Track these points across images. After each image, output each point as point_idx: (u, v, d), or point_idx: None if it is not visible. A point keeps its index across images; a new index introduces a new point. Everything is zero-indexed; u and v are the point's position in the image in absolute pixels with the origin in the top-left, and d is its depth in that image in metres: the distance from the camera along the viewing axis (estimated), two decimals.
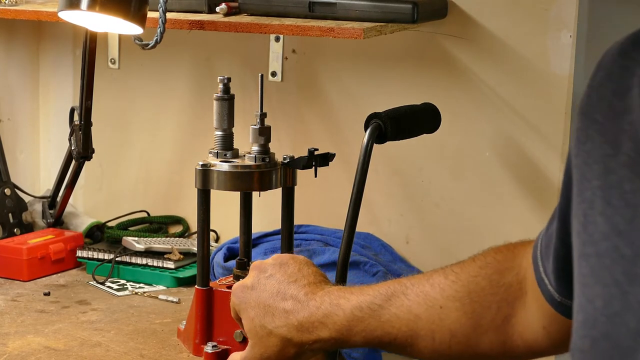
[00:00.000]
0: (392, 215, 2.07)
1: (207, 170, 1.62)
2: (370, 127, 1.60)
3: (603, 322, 0.85)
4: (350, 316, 1.21)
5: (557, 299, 1.07)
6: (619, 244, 0.84)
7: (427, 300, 1.18)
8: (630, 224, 0.84)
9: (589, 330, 0.86)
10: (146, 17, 1.80)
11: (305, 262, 1.32)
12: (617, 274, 0.84)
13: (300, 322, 1.24)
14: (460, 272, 1.19)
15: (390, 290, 1.21)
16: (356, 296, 1.22)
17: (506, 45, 1.93)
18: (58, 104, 2.37)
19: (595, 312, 0.86)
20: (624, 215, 0.85)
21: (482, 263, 1.18)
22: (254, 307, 1.29)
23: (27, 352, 1.64)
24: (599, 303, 0.85)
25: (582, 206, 0.90)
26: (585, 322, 0.87)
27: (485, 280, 1.17)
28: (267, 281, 1.30)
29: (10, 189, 2.18)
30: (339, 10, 1.84)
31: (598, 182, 0.88)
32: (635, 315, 0.81)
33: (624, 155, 0.86)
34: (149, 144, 2.30)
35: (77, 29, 2.05)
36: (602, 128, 0.89)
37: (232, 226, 2.03)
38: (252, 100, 1.99)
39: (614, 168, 0.86)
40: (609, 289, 0.84)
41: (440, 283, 1.19)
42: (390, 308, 1.20)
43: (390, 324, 1.20)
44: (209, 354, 1.59)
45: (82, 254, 2.06)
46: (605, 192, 0.87)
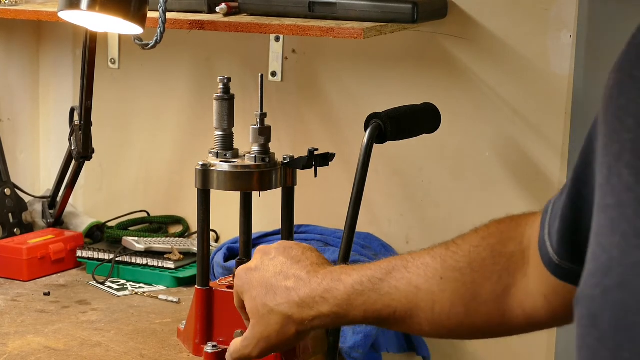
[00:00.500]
0: (392, 215, 2.07)
1: (207, 170, 1.62)
2: (370, 127, 1.60)
3: (619, 271, 0.83)
4: (350, 290, 1.22)
5: (555, 261, 1.06)
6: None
7: (427, 272, 1.19)
8: None
9: (601, 279, 0.85)
10: (146, 17, 1.80)
11: (309, 247, 1.33)
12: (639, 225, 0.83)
13: (301, 298, 1.25)
14: (462, 243, 1.19)
15: (392, 264, 1.21)
16: (357, 272, 1.23)
17: (506, 45, 1.93)
18: (58, 104, 2.37)
19: (611, 261, 0.84)
20: None
21: (485, 233, 1.18)
22: (256, 287, 1.30)
23: (27, 352, 1.64)
24: (616, 252, 0.84)
25: (607, 159, 0.89)
26: (597, 270, 0.86)
27: (487, 250, 1.17)
28: (271, 262, 1.30)
29: (10, 189, 2.18)
30: (339, 10, 1.84)
31: (629, 134, 0.87)
32: None
33: None
34: (149, 144, 2.30)
35: (77, 29, 2.05)
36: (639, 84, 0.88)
37: (232, 226, 2.03)
38: (252, 100, 1.99)
39: None
40: (629, 239, 0.83)
41: (442, 254, 1.19)
42: (391, 281, 1.20)
43: (391, 297, 1.20)
44: (209, 354, 1.59)
45: (82, 254, 2.06)
46: (635, 144, 0.86)
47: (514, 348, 2.00)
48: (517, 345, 1.99)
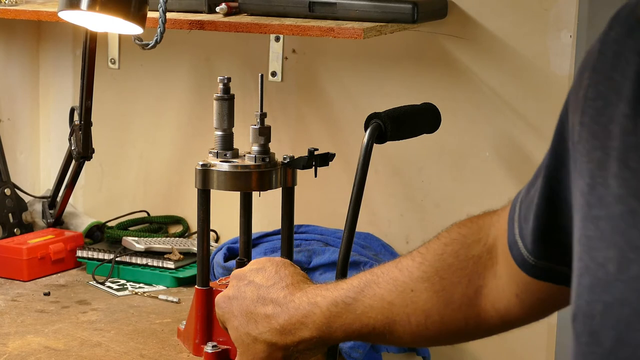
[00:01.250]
0: (392, 215, 2.07)
1: (207, 170, 1.62)
2: (370, 127, 1.60)
3: (619, 287, 0.82)
4: (327, 313, 1.22)
5: (530, 262, 1.05)
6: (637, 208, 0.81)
7: (397, 286, 1.19)
8: None
9: (600, 295, 0.83)
10: (146, 17, 1.80)
11: (282, 263, 1.33)
12: (635, 238, 0.81)
13: (282, 326, 1.25)
14: (426, 253, 1.19)
15: (363, 281, 1.22)
16: (331, 292, 1.23)
17: (506, 45, 1.93)
18: (58, 104, 2.37)
19: (608, 277, 0.83)
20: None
21: (447, 240, 1.18)
22: (237, 316, 1.30)
23: (27, 352, 1.64)
24: (612, 267, 0.82)
25: (589, 166, 0.87)
26: (595, 286, 0.84)
27: (452, 256, 1.17)
28: (247, 288, 1.31)
29: (10, 189, 2.18)
30: (339, 10, 1.84)
31: (613, 142, 0.85)
32: None
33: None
34: (149, 144, 2.30)
35: (77, 29, 2.05)
36: (618, 86, 0.85)
37: (232, 226, 2.03)
38: (252, 100, 1.99)
39: (633, 129, 0.83)
40: (626, 253, 0.82)
41: (408, 266, 1.19)
42: (364, 299, 1.20)
43: (366, 315, 1.20)
44: (209, 354, 1.59)
45: (82, 254, 2.06)
46: (622, 153, 0.83)
47: (513, 348, 2.00)
48: (517, 345, 1.99)
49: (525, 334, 1.98)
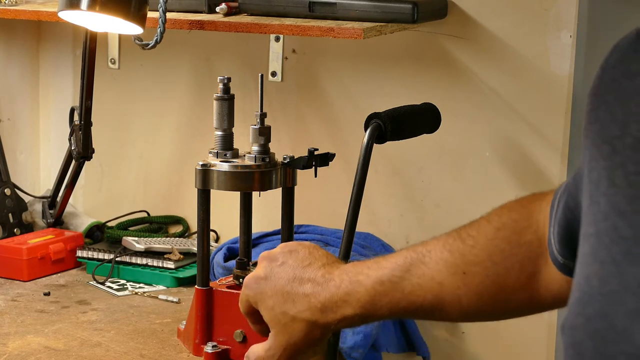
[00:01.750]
0: (392, 215, 2.07)
1: (207, 170, 1.62)
2: (370, 127, 1.60)
3: (599, 300, 0.84)
4: (372, 291, 1.21)
5: (560, 260, 1.07)
6: (619, 224, 0.84)
7: (448, 268, 1.18)
8: (632, 205, 0.84)
9: (583, 308, 0.86)
10: (146, 17, 1.80)
11: (313, 246, 1.32)
12: (615, 253, 0.84)
13: (322, 304, 1.24)
14: (478, 236, 1.18)
15: (408, 260, 1.20)
16: (374, 271, 1.22)
17: (506, 45, 1.93)
18: (58, 104, 2.37)
19: (591, 290, 0.85)
20: (626, 195, 0.85)
21: (499, 224, 1.18)
22: (272, 296, 1.28)
23: (27, 352, 1.64)
24: (595, 282, 0.85)
25: (590, 187, 0.90)
26: (580, 300, 0.87)
27: (504, 242, 1.16)
28: (281, 269, 1.29)
29: (10, 189, 2.18)
30: (339, 10, 1.84)
31: (605, 162, 0.88)
32: (633, 295, 0.81)
33: (630, 137, 0.86)
34: (149, 144, 2.30)
35: (77, 29, 2.05)
36: (611, 109, 0.89)
37: (232, 226, 2.03)
38: (252, 100, 1.99)
39: (620, 149, 0.87)
40: (607, 267, 0.84)
41: (459, 249, 1.18)
42: (412, 278, 1.19)
43: (415, 294, 1.19)
44: (209, 354, 1.59)
45: (82, 254, 2.06)
46: (610, 172, 0.87)
47: (514, 348, 2.00)
48: (517, 345, 1.99)
49: (525, 333, 1.98)
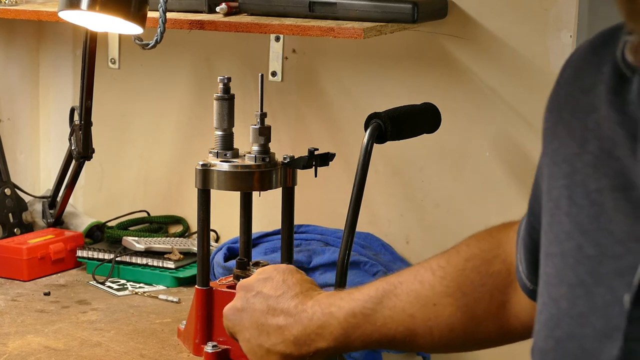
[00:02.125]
0: (392, 215, 2.07)
1: (207, 170, 1.62)
2: (370, 127, 1.60)
3: (567, 322, 0.84)
4: (344, 324, 1.21)
5: (529, 287, 1.07)
6: (583, 244, 0.83)
7: (419, 300, 1.18)
8: (595, 223, 0.83)
9: (552, 331, 0.86)
10: (146, 17, 1.80)
11: (288, 270, 1.32)
12: (581, 273, 0.83)
13: (296, 337, 1.24)
14: (447, 266, 1.18)
15: (380, 291, 1.20)
16: (347, 302, 1.22)
17: (506, 45, 1.93)
18: (58, 104, 2.37)
19: (560, 313, 0.85)
20: (589, 214, 0.84)
21: (467, 255, 1.18)
22: (248, 328, 1.30)
23: (27, 352, 1.64)
24: (564, 304, 0.85)
25: (550, 205, 0.89)
26: (548, 322, 0.86)
27: (474, 272, 1.17)
28: (255, 299, 1.30)
29: (10, 189, 2.18)
30: (339, 10, 1.84)
31: (564, 181, 0.87)
32: (600, 316, 0.81)
33: (589, 154, 0.85)
34: (149, 144, 2.30)
35: (77, 29, 2.05)
36: (569, 126, 0.88)
37: (232, 226, 2.03)
38: (252, 100, 1.99)
39: (579, 167, 0.86)
40: (574, 289, 0.83)
41: (429, 280, 1.18)
42: (384, 311, 1.20)
43: (387, 327, 1.20)
44: (209, 354, 1.59)
45: (82, 254, 2.06)
46: (571, 191, 0.86)
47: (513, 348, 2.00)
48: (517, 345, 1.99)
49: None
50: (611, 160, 0.83)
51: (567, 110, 0.89)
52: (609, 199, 0.82)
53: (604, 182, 0.83)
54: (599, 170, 0.84)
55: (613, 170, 0.82)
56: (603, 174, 0.83)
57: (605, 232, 0.82)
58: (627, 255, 0.79)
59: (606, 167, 0.83)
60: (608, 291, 0.80)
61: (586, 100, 0.87)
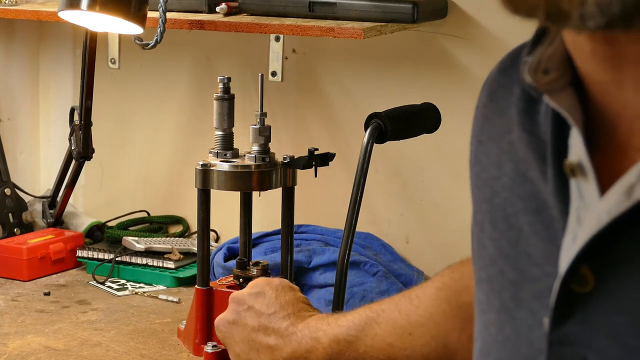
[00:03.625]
0: (392, 215, 2.07)
1: (207, 170, 1.62)
2: (370, 127, 1.60)
3: (497, 349, 0.84)
4: (329, 350, 1.23)
5: None
6: (505, 269, 0.83)
7: (396, 329, 1.20)
8: (515, 247, 0.83)
9: (485, 358, 0.86)
10: (146, 17, 1.80)
11: (281, 287, 1.32)
12: (505, 299, 0.83)
13: (285, 359, 1.26)
14: (422, 296, 1.19)
15: (364, 319, 1.22)
16: (332, 328, 1.24)
17: (506, 45, 1.91)
18: (58, 104, 2.37)
19: (490, 339, 0.85)
20: (509, 238, 0.83)
21: (440, 284, 1.19)
22: (239, 343, 1.30)
23: (27, 352, 1.64)
24: (493, 330, 0.84)
25: (476, 229, 0.89)
26: (482, 349, 0.86)
27: (445, 302, 1.17)
28: (247, 314, 1.31)
29: (10, 189, 2.18)
30: (339, 10, 1.84)
31: (486, 205, 0.87)
32: (525, 340, 0.80)
33: (506, 177, 0.85)
34: (149, 144, 2.30)
35: (77, 29, 2.05)
36: (487, 149, 0.88)
37: (232, 226, 2.03)
38: (252, 100, 1.99)
39: (498, 190, 0.85)
40: (500, 314, 0.83)
41: (407, 309, 1.20)
42: (366, 339, 1.21)
43: (368, 355, 1.21)
44: (209, 354, 1.59)
45: (82, 253, 2.06)
46: (491, 215, 0.86)
47: None
48: None
49: None
50: (525, 182, 0.82)
51: (485, 133, 0.90)
52: (525, 222, 0.82)
53: (520, 205, 0.83)
54: (514, 194, 0.83)
55: (527, 192, 0.82)
56: (518, 197, 0.83)
57: (525, 256, 0.81)
58: (544, 278, 0.79)
59: (521, 189, 0.83)
60: (530, 315, 0.80)
61: (501, 122, 0.87)
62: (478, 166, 0.89)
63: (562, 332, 0.77)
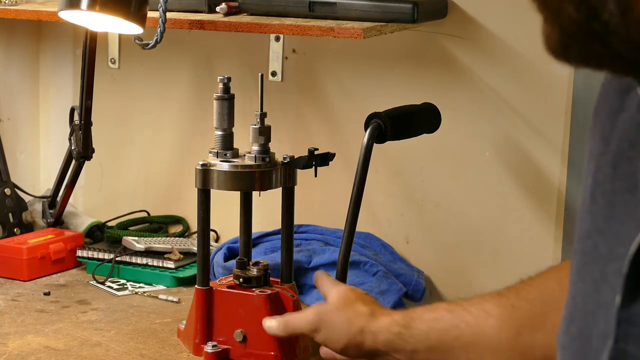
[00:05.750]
0: (392, 215, 2.07)
1: (207, 170, 1.62)
2: (370, 127, 1.60)
3: (580, 319, 0.85)
4: None
5: None
6: (599, 242, 0.85)
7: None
8: (608, 222, 0.84)
9: (568, 327, 0.87)
10: (146, 17, 1.80)
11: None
12: (595, 272, 0.84)
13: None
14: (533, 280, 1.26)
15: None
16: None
17: (506, 45, 1.93)
18: (58, 104, 2.37)
19: (575, 309, 0.86)
20: (604, 213, 0.85)
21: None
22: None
23: (27, 352, 1.64)
24: (580, 299, 0.86)
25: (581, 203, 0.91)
26: (566, 318, 0.88)
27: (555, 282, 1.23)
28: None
29: (10, 188, 2.18)
30: (339, 10, 1.84)
31: (590, 179, 0.89)
32: (604, 314, 0.81)
33: (610, 153, 0.86)
34: (149, 144, 2.30)
35: (77, 28, 2.05)
36: (602, 126, 0.90)
37: (232, 226, 2.03)
38: (252, 100, 1.98)
39: (602, 166, 0.87)
40: (588, 286, 0.85)
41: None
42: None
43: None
44: (209, 354, 1.59)
45: (82, 253, 2.06)
46: (593, 189, 0.88)
47: None
48: None
49: None
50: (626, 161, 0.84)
51: (604, 110, 0.91)
52: (621, 200, 0.83)
53: (619, 183, 0.84)
54: (615, 170, 0.85)
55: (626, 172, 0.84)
56: (618, 175, 0.85)
57: (615, 233, 0.83)
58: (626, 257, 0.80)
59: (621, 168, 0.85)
60: (611, 291, 0.81)
61: (618, 100, 0.88)
62: (591, 140, 0.91)
63: (630, 311, 0.78)
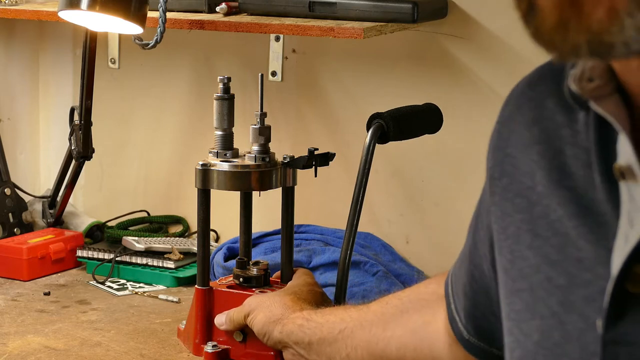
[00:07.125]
0: (392, 215, 2.07)
1: (207, 170, 1.62)
2: (372, 127, 1.60)
3: (544, 354, 0.84)
4: None
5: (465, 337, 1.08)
6: (552, 275, 0.84)
7: None
8: (562, 253, 0.83)
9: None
10: (146, 16, 1.80)
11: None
12: (553, 304, 0.83)
13: None
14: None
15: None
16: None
17: (506, 45, 1.93)
18: (58, 104, 2.37)
19: (535, 347, 0.85)
20: (554, 244, 0.84)
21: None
22: None
23: (27, 352, 1.64)
24: (537, 336, 0.85)
25: (507, 242, 0.90)
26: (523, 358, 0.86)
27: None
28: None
29: (10, 188, 2.18)
30: (339, 10, 1.84)
31: (522, 215, 0.88)
32: (576, 344, 0.81)
33: (540, 186, 0.86)
34: (149, 144, 2.30)
35: (77, 28, 2.05)
36: (515, 161, 0.89)
37: (232, 226, 2.03)
38: (252, 100, 1.99)
39: (536, 200, 0.86)
40: (547, 320, 0.84)
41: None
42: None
43: None
44: (209, 354, 1.58)
45: (82, 253, 2.06)
46: (531, 224, 0.87)
47: None
48: None
49: None
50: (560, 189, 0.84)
51: (512, 146, 0.91)
52: (570, 227, 0.83)
53: (560, 211, 0.84)
54: (553, 201, 0.85)
55: (564, 198, 0.84)
56: (557, 204, 0.84)
57: (574, 261, 0.82)
58: (596, 281, 0.80)
59: (557, 196, 0.84)
60: (581, 319, 0.81)
61: (529, 134, 0.89)
62: (506, 178, 0.91)
63: (617, 332, 0.78)
